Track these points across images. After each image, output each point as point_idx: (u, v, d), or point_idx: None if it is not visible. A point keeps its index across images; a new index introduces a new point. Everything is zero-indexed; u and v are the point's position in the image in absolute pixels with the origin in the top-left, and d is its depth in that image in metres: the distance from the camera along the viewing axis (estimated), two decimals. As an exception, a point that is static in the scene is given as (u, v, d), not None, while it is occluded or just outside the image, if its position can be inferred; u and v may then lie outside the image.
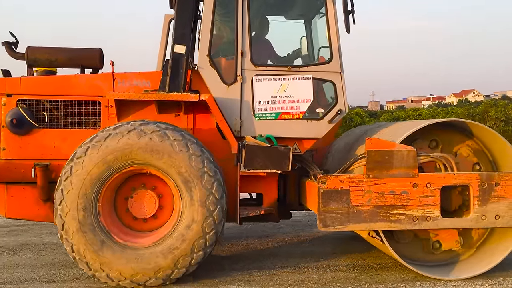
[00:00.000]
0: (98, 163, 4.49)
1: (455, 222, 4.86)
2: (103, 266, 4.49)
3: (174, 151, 4.53)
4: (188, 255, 4.56)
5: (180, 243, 4.55)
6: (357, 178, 4.73)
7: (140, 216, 4.80)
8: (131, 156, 4.53)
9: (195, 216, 4.56)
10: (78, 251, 4.50)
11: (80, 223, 4.49)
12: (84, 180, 4.48)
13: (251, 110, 5.18)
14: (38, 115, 5.18)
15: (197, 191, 4.55)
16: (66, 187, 4.48)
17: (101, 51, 5.46)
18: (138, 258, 4.54)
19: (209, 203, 4.57)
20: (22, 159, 5.13)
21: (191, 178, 4.54)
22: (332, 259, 5.73)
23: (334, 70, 5.26)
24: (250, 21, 5.18)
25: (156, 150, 4.52)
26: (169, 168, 4.55)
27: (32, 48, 5.30)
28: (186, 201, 4.59)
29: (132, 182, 4.84)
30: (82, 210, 4.49)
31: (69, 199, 4.48)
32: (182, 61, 5.05)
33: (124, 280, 4.52)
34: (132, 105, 5.19)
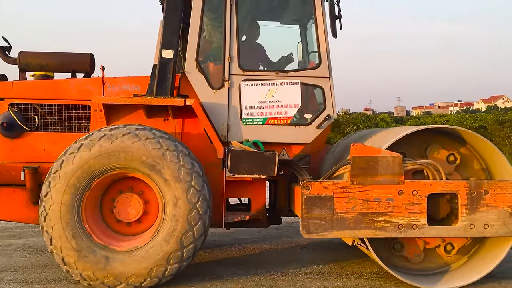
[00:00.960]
0: (88, 161, 4.53)
1: (442, 231, 4.77)
2: (77, 263, 4.52)
3: (165, 160, 4.55)
4: (163, 265, 4.58)
5: (161, 248, 4.57)
6: (341, 185, 4.68)
7: (124, 219, 4.82)
8: (121, 160, 4.56)
9: (176, 226, 4.58)
10: (56, 245, 4.54)
11: (61, 218, 4.52)
12: (72, 176, 4.52)
13: (239, 115, 5.17)
14: (29, 119, 5.26)
15: (181, 204, 4.58)
16: (54, 180, 4.53)
17: (92, 56, 5.52)
18: (114, 261, 4.57)
19: (191, 217, 4.58)
20: (12, 162, 5.20)
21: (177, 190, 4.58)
22: (356, 266, 5.69)
23: (323, 75, 5.23)
24: (238, 26, 5.18)
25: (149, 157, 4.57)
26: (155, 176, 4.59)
27: (24, 53, 5.38)
28: (169, 209, 4.61)
29: (121, 185, 4.87)
30: (65, 205, 4.52)
31: (55, 193, 4.52)
32: (169, 66, 5.07)
33: (95, 281, 4.55)
34: (121, 109, 5.23)
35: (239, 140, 5.12)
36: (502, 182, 4.76)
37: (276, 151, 5.16)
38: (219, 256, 6.10)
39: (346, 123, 22.79)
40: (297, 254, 6.25)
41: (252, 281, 5.06)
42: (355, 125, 22.57)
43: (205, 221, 4.64)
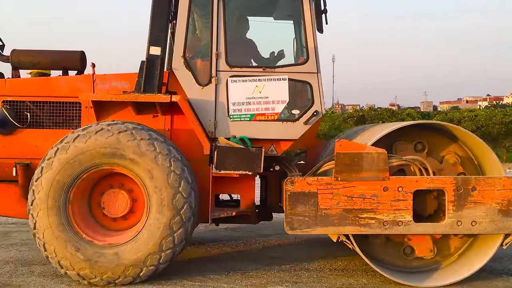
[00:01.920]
0: (66, 163, 4.60)
1: (428, 228, 4.72)
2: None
3: (140, 151, 4.59)
4: (139, 265, 4.65)
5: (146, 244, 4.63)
6: (325, 181, 4.66)
7: (111, 215, 4.88)
8: (98, 156, 4.61)
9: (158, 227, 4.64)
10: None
11: (49, 222, 4.60)
12: (53, 180, 4.60)
13: (226, 111, 5.18)
14: (22, 116, 5.35)
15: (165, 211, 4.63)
16: (37, 187, 4.62)
17: (83, 53, 5.58)
18: (92, 254, 4.64)
19: (174, 223, 4.63)
20: (5, 158, 5.30)
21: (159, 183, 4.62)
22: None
23: (310, 71, 5.20)
24: (225, 22, 5.18)
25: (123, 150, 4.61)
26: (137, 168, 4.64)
27: (17, 51, 5.47)
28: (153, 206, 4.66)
29: (109, 181, 4.93)
30: (54, 191, 4.60)
31: (40, 199, 4.61)
32: (157, 63, 5.10)
33: (71, 271, 4.62)
34: (111, 106, 5.28)
35: (226, 136, 5.13)
36: (490, 178, 4.68)
37: (264, 147, 5.18)
38: (243, 251, 6.16)
39: (371, 118, 22.46)
40: (322, 250, 6.22)
41: (276, 277, 5.07)
42: (381, 121, 22.25)
43: (187, 227, 4.68)
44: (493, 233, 4.72)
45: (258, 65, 5.52)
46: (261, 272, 5.20)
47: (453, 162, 5.06)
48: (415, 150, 5.08)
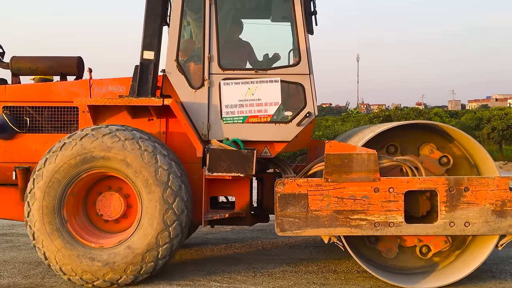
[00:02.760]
0: (55, 172, 4.72)
1: (420, 229, 4.67)
2: (57, 258, 4.69)
3: (125, 151, 4.67)
4: (138, 263, 4.71)
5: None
6: (315, 182, 4.66)
7: (107, 217, 4.96)
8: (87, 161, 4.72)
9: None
10: (38, 238, 4.73)
11: (43, 213, 4.70)
12: (45, 190, 4.71)
13: (219, 114, 5.22)
14: (22, 121, 5.48)
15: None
16: (31, 199, 4.73)
17: (80, 59, 5.68)
18: (92, 257, 4.71)
19: (168, 216, 4.68)
20: (6, 162, 5.43)
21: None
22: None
23: (302, 73, 5.20)
24: (218, 25, 5.22)
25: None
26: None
27: (16, 58, 5.60)
28: (145, 203, 4.72)
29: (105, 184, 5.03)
30: (47, 201, 4.70)
31: (38, 190, 4.71)
32: (150, 67, 5.17)
33: (74, 276, 4.70)
34: (107, 111, 5.36)
35: (219, 139, 5.16)
36: (484, 178, 4.61)
37: (258, 149, 5.21)
38: (270, 253, 6.19)
39: (397, 118, 22.10)
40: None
41: (303, 278, 5.08)
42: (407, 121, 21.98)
43: (181, 221, 4.73)
44: (487, 234, 4.65)
45: (250, 68, 5.53)
46: (288, 273, 5.22)
47: (429, 150, 5.01)
48: (387, 152, 5.04)
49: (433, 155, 5.01)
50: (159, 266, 4.77)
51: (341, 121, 29.55)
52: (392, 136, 5.02)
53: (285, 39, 6.12)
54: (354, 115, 32.32)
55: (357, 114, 36.40)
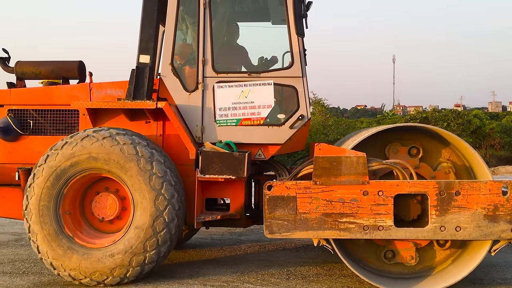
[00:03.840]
0: (55, 169, 4.86)
1: (410, 233, 4.61)
2: (49, 253, 4.84)
3: (123, 155, 4.77)
4: (125, 266, 4.80)
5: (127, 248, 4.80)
6: (304, 185, 4.66)
7: (101, 217, 5.08)
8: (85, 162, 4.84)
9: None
10: (33, 231, 4.88)
11: (39, 211, 4.85)
12: (44, 186, 4.86)
13: (213, 117, 5.28)
14: (25, 123, 5.66)
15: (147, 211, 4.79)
16: (29, 193, 4.89)
17: (81, 63, 5.83)
18: (82, 255, 4.83)
19: (157, 224, 4.77)
20: (11, 164, 5.62)
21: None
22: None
23: (295, 75, 5.21)
24: (212, 29, 5.28)
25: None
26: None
27: (20, 63, 5.80)
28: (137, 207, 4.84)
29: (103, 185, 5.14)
30: (45, 196, 4.85)
31: (37, 185, 4.87)
32: (146, 71, 5.28)
33: (63, 271, 4.83)
34: (106, 113, 5.49)
35: (213, 141, 5.22)
36: (475, 182, 4.53)
37: (252, 152, 5.25)
38: (304, 255, 6.23)
39: (435, 120, 21.69)
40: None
41: (338, 282, 5.10)
42: (445, 123, 21.40)
43: (170, 229, 4.82)
44: (479, 240, 4.56)
45: (244, 71, 5.57)
46: (322, 277, 5.17)
47: (447, 171, 4.94)
48: (409, 154, 5.00)
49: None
50: (145, 271, 4.85)
51: (376, 123, 28.90)
52: (392, 139, 4.99)
53: (285, 41, 6.15)
54: (389, 117, 31.58)
55: (393, 116, 35.61)
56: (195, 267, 5.60)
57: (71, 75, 5.79)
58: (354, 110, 71.42)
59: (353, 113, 65.39)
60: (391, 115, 36.49)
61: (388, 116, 34.37)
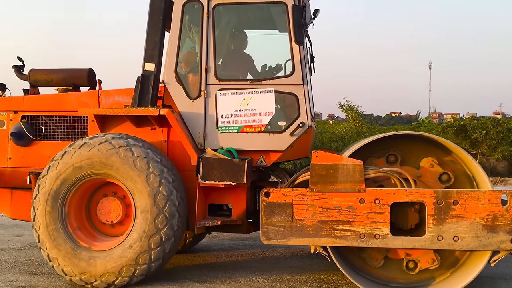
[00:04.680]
0: (56, 178, 5.02)
1: (407, 242, 4.58)
2: (59, 259, 4.98)
3: (120, 157, 4.91)
4: (132, 265, 4.91)
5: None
6: (300, 192, 4.69)
7: (106, 221, 5.22)
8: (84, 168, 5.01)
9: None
10: (42, 241, 5.04)
11: (46, 218, 5.02)
12: (48, 196, 5.03)
13: (215, 124, 5.36)
14: (37, 129, 5.87)
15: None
16: (36, 203, 5.08)
17: (90, 71, 6.01)
18: (91, 259, 4.95)
19: (159, 221, 4.87)
20: (24, 168, 5.84)
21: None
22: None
23: (296, 83, 5.25)
24: (215, 37, 5.38)
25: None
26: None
27: (34, 70, 6.03)
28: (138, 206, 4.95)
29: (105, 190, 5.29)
30: (50, 206, 5.01)
31: (42, 195, 5.05)
32: (151, 78, 5.41)
33: (74, 277, 4.95)
34: (113, 120, 5.64)
35: (215, 148, 5.30)
36: (474, 192, 4.47)
37: (253, 159, 5.31)
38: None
39: (473, 128, 21.23)
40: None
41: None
42: (484, 130, 20.91)
43: (173, 226, 4.90)
44: (478, 250, 4.49)
45: (245, 78, 5.64)
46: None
47: (430, 164, 4.90)
48: (387, 162, 4.98)
49: (433, 170, 4.88)
50: (152, 268, 4.95)
51: (411, 131, 28.12)
52: (393, 146, 4.97)
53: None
54: (425, 125, 30.87)
55: (429, 123, 34.82)
56: (227, 272, 5.65)
57: (81, 83, 5.98)
58: (388, 117, 70.47)
59: (387, 120, 64.49)
60: (426, 123, 35.75)
61: (423, 124, 33.67)
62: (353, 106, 24.62)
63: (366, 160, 4.91)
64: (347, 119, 25.79)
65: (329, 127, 24.85)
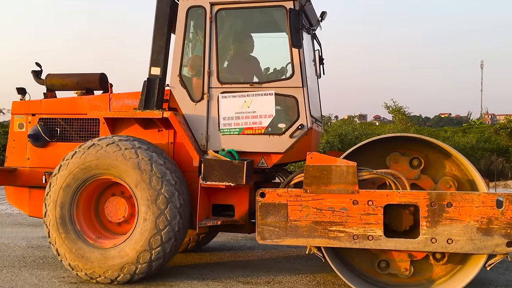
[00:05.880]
0: (77, 167, 5.28)
1: (400, 244, 4.57)
2: (67, 255, 5.23)
3: (125, 159, 5.12)
4: (134, 263, 5.10)
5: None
6: (295, 193, 4.76)
7: (112, 219, 5.44)
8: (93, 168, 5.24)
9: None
10: (52, 236, 5.32)
11: (56, 214, 5.28)
12: (58, 194, 5.30)
13: (217, 126, 5.49)
14: (53, 131, 6.18)
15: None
16: (47, 201, 5.35)
17: (102, 75, 6.27)
18: (96, 255, 5.17)
19: (160, 222, 5.05)
20: (41, 168, 6.15)
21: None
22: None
23: (296, 86, 5.32)
24: (217, 41, 5.51)
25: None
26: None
27: (50, 75, 6.34)
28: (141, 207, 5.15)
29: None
30: (59, 203, 5.28)
31: (53, 193, 5.32)
32: (156, 82, 5.60)
33: (80, 271, 5.19)
34: (123, 122, 5.86)
35: (217, 150, 5.43)
36: (468, 194, 4.42)
37: (255, 160, 5.42)
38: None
39: None
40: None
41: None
42: None
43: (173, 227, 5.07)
44: (472, 253, 4.44)
45: (246, 81, 5.74)
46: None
47: (449, 184, 4.87)
48: (411, 165, 4.96)
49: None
50: (153, 267, 5.13)
51: (461, 132, 26.99)
52: (397, 148, 4.99)
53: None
54: (476, 126, 29.80)
55: (480, 124, 33.66)
56: (271, 274, 5.72)
57: (93, 86, 6.25)
58: (437, 119, 68.83)
59: (436, 122, 63.00)
60: (478, 124, 34.62)
61: (475, 125, 32.59)
62: (400, 107, 23.73)
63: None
64: (393, 120, 25.12)
65: (374, 129, 24.23)
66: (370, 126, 26.62)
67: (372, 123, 35.60)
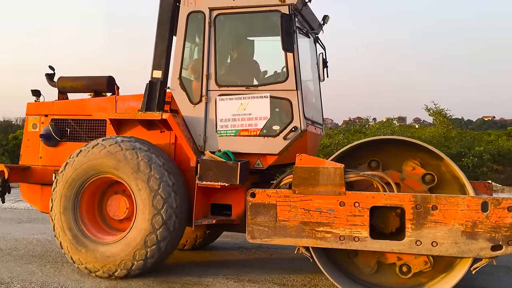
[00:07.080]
0: (82, 165, 5.53)
1: (385, 245, 4.61)
2: (69, 249, 5.50)
3: (126, 159, 5.33)
4: (130, 259, 5.32)
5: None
6: (284, 193, 4.87)
7: (113, 216, 5.68)
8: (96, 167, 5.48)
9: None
10: (56, 229, 5.59)
11: (61, 209, 5.55)
12: (63, 190, 5.57)
13: (214, 127, 5.65)
14: (63, 131, 6.48)
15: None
16: (53, 196, 5.63)
17: (110, 78, 6.52)
18: (96, 250, 5.42)
19: (156, 221, 5.24)
20: (52, 166, 6.46)
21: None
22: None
23: (290, 89, 5.42)
24: (216, 45, 5.68)
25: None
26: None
27: (62, 78, 6.64)
28: (139, 206, 5.35)
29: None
30: (64, 199, 5.55)
31: (59, 189, 5.59)
32: (158, 85, 5.81)
33: (81, 265, 5.43)
34: (127, 123, 6.10)
35: (214, 151, 5.59)
36: (453, 197, 4.43)
37: (251, 161, 5.55)
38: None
39: None
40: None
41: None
42: None
43: (169, 226, 5.25)
44: (457, 256, 4.45)
45: (243, 84, 5.87)
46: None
47: (412, 167, 4.92)
48: (369, 167, 5.03)
49: (415, 172, 4.91)
50: (148, 264, 5.33)
51: (506, 136, 25.71)
52: (377, 151, 5.03)
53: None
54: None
55: None
56: (307, 277, 5.74)
57: (101, 89, 6.52)
58: (480, 122, 67.02)
59: (479, 125, 61.29)
60: None
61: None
62: (441, 109, 22.40)
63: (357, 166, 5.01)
64: (434, 123, 24.43)
65: (414, 132, 23.67)
66: (410, 129, 25.92)
67: (411, 125, 34.92)
